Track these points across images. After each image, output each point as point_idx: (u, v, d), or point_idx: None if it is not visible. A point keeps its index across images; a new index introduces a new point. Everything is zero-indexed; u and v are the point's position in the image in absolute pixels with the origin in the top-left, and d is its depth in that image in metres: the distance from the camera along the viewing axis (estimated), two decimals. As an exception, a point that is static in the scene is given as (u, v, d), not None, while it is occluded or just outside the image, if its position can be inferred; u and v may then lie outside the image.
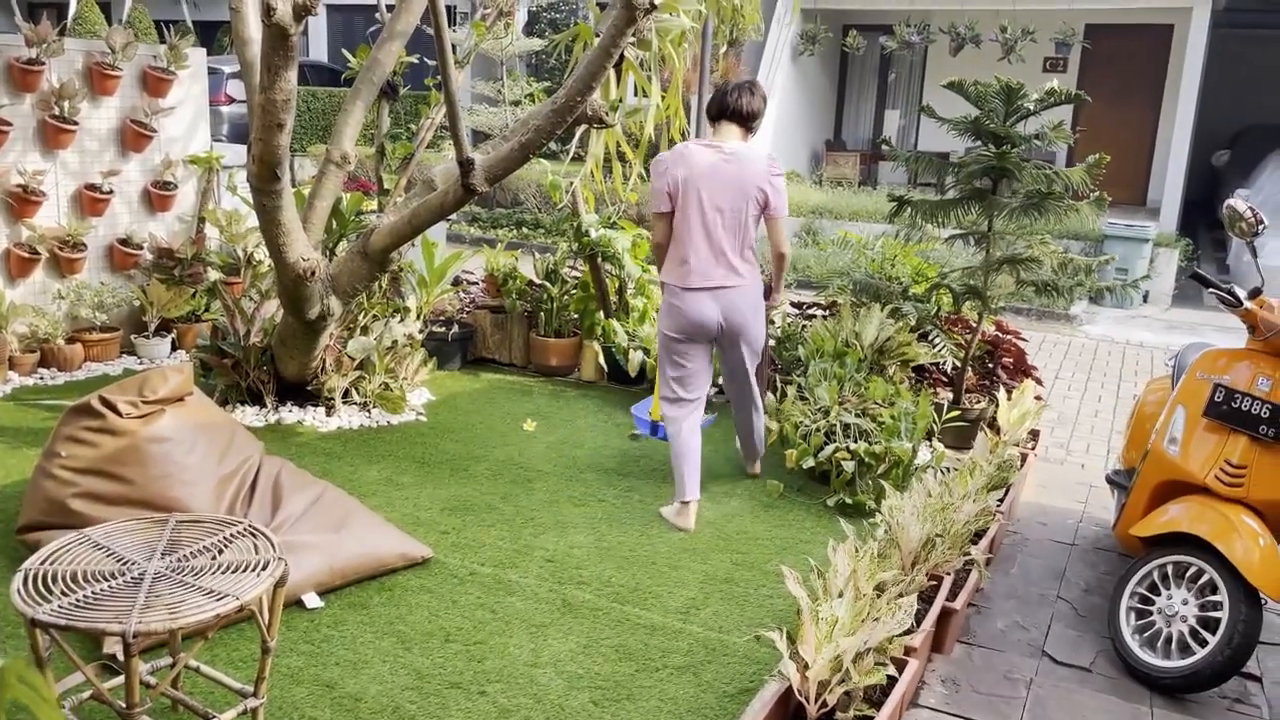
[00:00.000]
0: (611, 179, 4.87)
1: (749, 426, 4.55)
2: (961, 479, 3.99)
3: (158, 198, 6.24)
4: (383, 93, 5.28)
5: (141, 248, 6.13)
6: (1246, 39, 14.64)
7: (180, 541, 2.60)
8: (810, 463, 4.37)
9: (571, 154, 4.83)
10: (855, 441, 4.33)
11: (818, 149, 16.27)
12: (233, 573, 2.43)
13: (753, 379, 4.34)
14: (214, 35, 22.14)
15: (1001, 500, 4.29)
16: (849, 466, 4.26)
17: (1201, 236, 13.38)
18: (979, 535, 3.91)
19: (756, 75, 14.99)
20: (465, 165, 3.89)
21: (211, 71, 17.71)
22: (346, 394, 5.21)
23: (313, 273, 4.29)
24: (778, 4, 15.17)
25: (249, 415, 5.06)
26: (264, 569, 2.46)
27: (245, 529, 2.66)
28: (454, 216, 7.22)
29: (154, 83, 6.08)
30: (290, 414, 5.10)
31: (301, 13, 3.51)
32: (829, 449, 4.31)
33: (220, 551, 2.55)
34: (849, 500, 4.25)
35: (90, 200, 5.86)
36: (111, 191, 5.95)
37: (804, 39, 15.05)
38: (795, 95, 15.40)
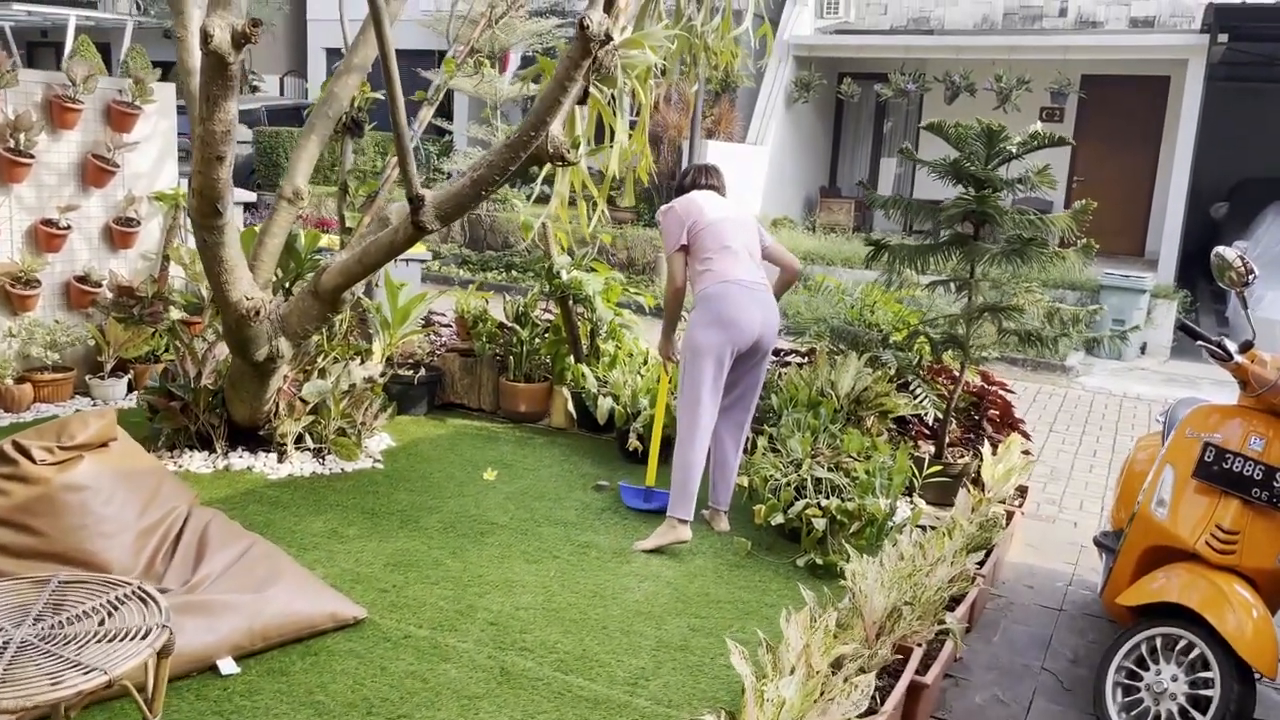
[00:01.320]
0: (577, 219, 4.69)
1: (732, 464, 4.43)
2: (938, 540, 3.74)
3: (119, 234, 6.07)
4: (346, 129, 5.13)
5: (100, 285, 5.94)
6: (1243, 91, 14.58)
7: (62, 605, 2.36)
8: (780, 519, 4.13)
9: (535, 194, 4.65)
10: (827, 497, 4.09)
11: (812, 195, 16.18)
12: (109, 641, 2.19)
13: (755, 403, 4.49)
14: (214, 77, 22.24)
15: (982, 563, 4.05)
16: (820, 524, 4.01)
17: (1200, 288, 13.20)
18: (956, 601, 3.65)
19: (750, 121, 14.96)
20: (414, 202, 3.70)
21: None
22: (300, 439, 4.97)
23: (257, 312, 4.08)
24: (773, 50, 15.15)
25: (196, 461, 4.82)
26: (144, 638, 2.21)
27: (134, 591, 2.42)
28: (422, 254, 7.03)
29: (118, 117, 5.93)
30: (240, 460, 4.87)
31: (240, 40, 3.34)
32: (799, 505, 4.07)
33: (105, 617, 2.32)
34: (820, 561, 4.00)
35: (46, 236, 5.68)
36: (69, 227, 5.77)
37: (798, 86, 15.01)
38: (789, 142, 15.33)
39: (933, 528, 4.36)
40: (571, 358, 5.78)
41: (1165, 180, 13.58)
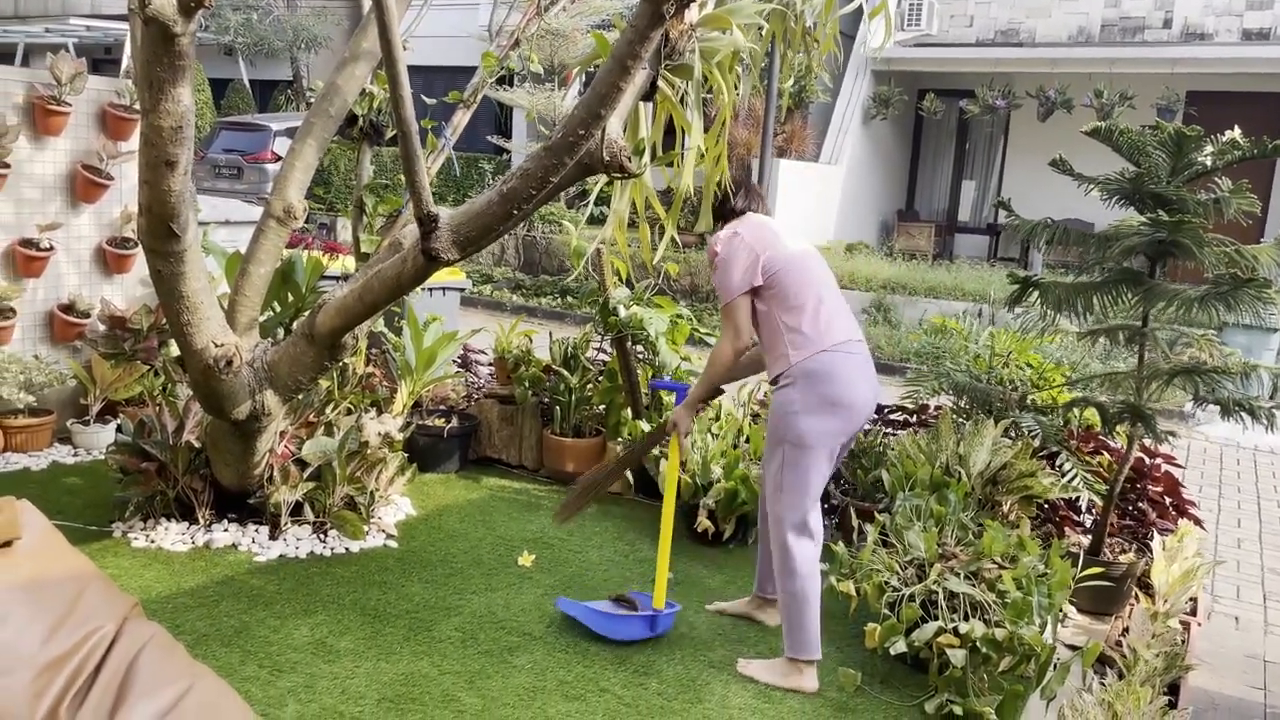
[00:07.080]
0: (639, 244, 3.76)
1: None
2: (1131, 695, 2.71)
3: (114, 257, 5.28)
4: (364, 134, 4.27)
5: (88, 315, 5.15)
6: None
7: None
8: (900, 645, 3.12)
9: (588, 215, 3.72)
10: (966, 619, 3.08)
11: (889, 219, 15.11)
12: None
13: None
14: (270, 93, 21.85)
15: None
16: (957, 657, 2.99)
17: (1326, 325, 11.86)
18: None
19: (824, 139, 13.98)
20: (425, 224, 2.79)
21: (259, 128, 17.21)
22: (299, 509, 4.09)
23: (229, 362, 3.20)
24: (849, 63, 14.17)
25: (171, 535, 3.96)
26: None
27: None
28: (459, 281, 6.15)
29: (115, 123, 5.14)
30: (225, 534, 4.00)
31: (191, 3, 2.47)
32: (929, 629, 3.06)
33: None
34: (959, 709, 2.98)
35: (23, 258, 4.90)
36: (52, 248, 4.99)
37: (876, 102, 14.00)
38: (865, 161, 14.31)
39: (1106, 662, 3.33)
40: (629, 410, 4.83)
41: (1284, 205, 12.33)
